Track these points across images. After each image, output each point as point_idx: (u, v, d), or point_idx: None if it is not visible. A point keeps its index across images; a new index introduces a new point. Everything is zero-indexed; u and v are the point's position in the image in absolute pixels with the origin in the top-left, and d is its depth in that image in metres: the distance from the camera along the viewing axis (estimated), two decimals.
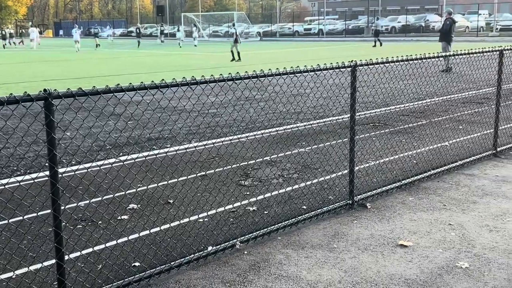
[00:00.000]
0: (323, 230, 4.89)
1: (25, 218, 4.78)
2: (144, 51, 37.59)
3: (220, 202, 5.46)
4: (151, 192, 5.64)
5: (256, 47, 41.41)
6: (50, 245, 4.30)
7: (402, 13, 64.28)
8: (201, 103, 5.80)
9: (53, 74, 21.16)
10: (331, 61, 5.39)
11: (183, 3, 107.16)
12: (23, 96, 3.25)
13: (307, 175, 6.53)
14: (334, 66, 5.07)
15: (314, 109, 10.57)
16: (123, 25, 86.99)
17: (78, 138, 8.12)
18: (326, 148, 7.56)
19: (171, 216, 5.13)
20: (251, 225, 4.97)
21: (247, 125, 9.36)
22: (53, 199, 3.49)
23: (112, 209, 5.18)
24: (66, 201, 5.15)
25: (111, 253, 4.30)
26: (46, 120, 3.40)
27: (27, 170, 6.85)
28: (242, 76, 4.36)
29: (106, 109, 4.18)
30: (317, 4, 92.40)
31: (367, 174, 6.39)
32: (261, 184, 6.22)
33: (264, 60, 26.86)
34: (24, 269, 4.02)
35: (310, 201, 5.57)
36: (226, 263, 4.26)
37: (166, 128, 8.99)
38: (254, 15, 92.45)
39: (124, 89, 3.68)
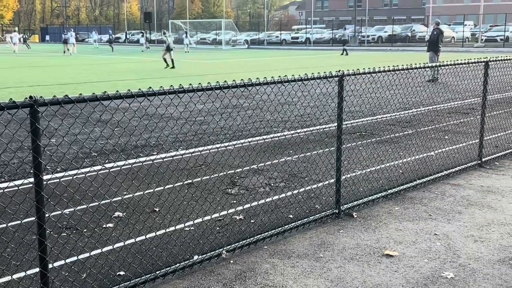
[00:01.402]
0: (310, 239, 4.88)
1: (9, 225, 4.72)
2: (132, 57, 37.47)
3: (207, 210, 5.44)
4: (137, 200, 5.61)
5: (243, 55, 41.48)
6: (34, 253, 4.25)
7: (388, 23, 64.91)
8: (188, 110, 5.79)
9: (39, 79, 21.00)
10: (317, 70, 5.42)
11: (171, 10, 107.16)
12: (9, 103, 3.21)
13: (294, 184, 6.53)
14: (322, 75, 5.08)
15: (301, 118, 10.59)
16: (109, 31, 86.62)
17: (64, 145, 8.05)
18: (313, 157, 7.57)
19: (157, 225, 5.09)
20: (237, 234, 4.95)
21: (234, 133, 9.35)
22: (37, 207, 3.45)
23: (97, 217, 5.14)
24: (51, 208, 5.09)
25: (96, 262, 4.26)
26: (32, 127, 3.37)
27: (11, 177, 6.77)
28: (230, 84, 4.36)
29: (92, 116, 4.15)
30: (305, 13, 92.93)
31: (354, 183, 6.40)
32: (248, 193, 6.21)
33: (252, 67, 26.89)
34: (7, 278, 3.96)
35: (296, 210, 5.57)
36: (212, 272, 4.23)
37: (153, 135, 8.95)
38: (242, 23, 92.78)
39: (111, 96, 3.66)
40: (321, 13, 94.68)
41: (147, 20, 69.32)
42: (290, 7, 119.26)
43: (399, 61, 14.49)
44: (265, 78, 4.62)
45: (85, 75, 22.91)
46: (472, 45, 49.06)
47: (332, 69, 5.89)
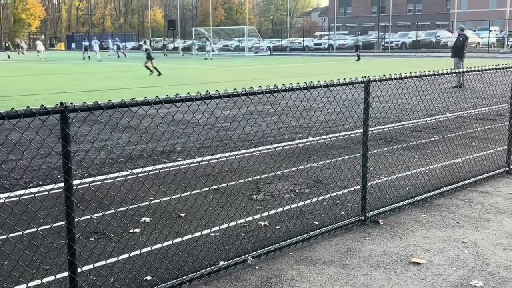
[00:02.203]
0: (335, 246, 4.86)
1: (39, 230, 4.80)
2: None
3: (232, 216, 5.45)
4: (164, 205, 5.65)
5: (266, 61, 41.57)
6: (63, 257, 4.31)
7: (412, 29, 64.44)
8: (214, 116, 5.83)
9: (66, 86, 21.33)
10: (341, 76, 5.41)
11: (194, 17, 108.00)
12: (40, 109, 3.27)
13: (319, 190, 6.51)
14: (348, 81, 5.07)
15: (326, 124, 10.57)
16: (134, 39, 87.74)
17: (93, 151, 8.16)
18: (338, 163, 7.54)
19: (183, 230, 5.12)
20: (262, 240, 4.95)
21: (259, 139, 9.37)
22: (67, 212, 3.50)
23: (125, 222, 5.19)
24: (80, 213, 5.17)
25: (123, 266, 4.30)
26: (62, 133, 3.42)
27: (41, 182, 6.88)
28: (255, 90, 4.38)
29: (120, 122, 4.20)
30: (328, 19, 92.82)
31: (380, 190, 6.36)
32: (272, 199, 6.21)
33: (274, 74, 26.92)
34: (37, 282, 4.02)
35: (322, 217, 5.55)
36: (237, 278, 4.24)
37: (179, 141, 9.02)
38: (265, 29, 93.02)
39: (140, 103, 3.70)
40: (344, 19, 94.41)
41: (171, 27, 70.05)
42: (313, 14, 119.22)
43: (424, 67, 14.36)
44: (290, 84, 4.63)
45: (110, 82, 23.20)
46: (498, 51, 48.41)
47: (356, 75, 5.87)
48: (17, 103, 15.17)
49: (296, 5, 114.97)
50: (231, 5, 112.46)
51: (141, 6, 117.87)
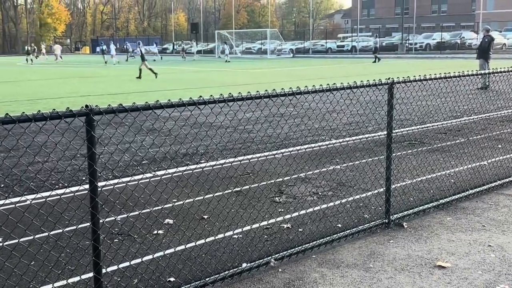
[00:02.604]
0: (359, 249, 4.82)
1: (65, 231, 4.86)
2: (176, 68, 38.12)
3: (255, 218, 5.45)
4: (187, 207, 5.68)
5: (289, 64, 41.54)
6: (88, 258, 4.36)
7: (437, 30, 63.77)
8: (237, 119, 5.84)
9: (90, 90, 21.60)
10: (364, 78, 5.37)
11: (217, 20, 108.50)
12: (66, 112, 3.31)
13: (342, 193, 6.47)
14: (371, 83, 5.04)
15: (349, 126, 10.51)
16: (158, 42, 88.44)
17: (117, 153, 8.25)
18: (361, 165, 7.49)
19: (206, 232, 5.14)
20: (285, 242, 4.94)
21: (282, 141, 9.36)
22: (92, 213, 3.54)
23: (149, 224, 5.23)
24: (105, 215, 5.22)
25: (147, 267, 4.33)
26: (87, 135, 3.46)
27: (67, 183, 6.97)
28: (278, 93, 4.38)
29: (144, 125, 4.25)
30: (350, 21, 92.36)
31: (404, 192, 6.30)
32: (295, 201, 6.20)
33: (297, 76, 26.87)
34: (63, 282, 4.08)
35: (345, 220, 5.52)
36: (260, 280, 4.24)
37: (202, 143, 9.06)
38: (287, 32, 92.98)
39: (163, 105, 3.73)
40: (367, 21, 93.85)
41: (194, 30, 70.44)
42: (336, 16, 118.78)
43: (448, 68, 14.20)
44: (313, 86, 4.62)
45: (133, 85, 23.42)
46: None
47: (379, 76, 5.83)
48: (43, 106, 15.41)
49: (318, 7, 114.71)
50: (254, 8, 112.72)
51: (164, 10, 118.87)
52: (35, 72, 36.56)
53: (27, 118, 3.15)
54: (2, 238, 4.89)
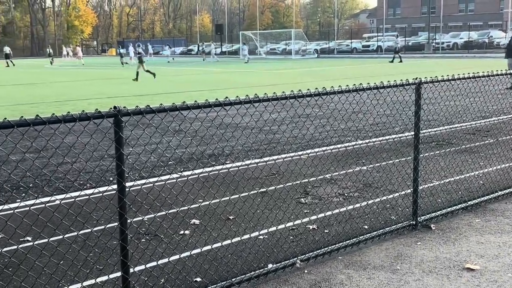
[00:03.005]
0: (386, 251, 4.78)
1: (93, 230, 4.93)
2: (201, 69, 38.32)
3: (280, 219, 5.45)
4: (213, 207, 5.70)
5: (313, 64, 41.40)
6: (115, 258, 4.41)
7: (464, 29, 62.84)
8: (263, 119, 5.85)
9: (116, 91, 21.85)
10: (390, 78, 5.33)
11: (241, 21, 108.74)
12: (94, 113, 3.36)
13: (368, 194, 6.43)
14: (398, 83, 4.99)
15: (375, 127, 10.43)
16: (183, 44, 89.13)
17: (144, 153, 8.33)
18: (388, 166, 7.42)
19: (232, 232, 5.16)
20: (311, 243, 4.93)
21: (307, 142, 9.34)
22: (120, 213, 3.57)
23: (176, 224, 5.27)
24: (132, 215, 5.28)
25: (174, 267, 4.36)
26: (115, 136, 3.50)
27: (95, 184, 7.07)
28: (304, 93, 4.37)
29: (171, 126, 4.27)
30: (376, 21, 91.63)
31: (431, 194, 6.22)
32: (321, 202, 6.17)
33: (321, 76, 26.77)
34: (91, 281, 4.13)
35: (371, 221, 5.48)
36: (286, 281, 4.23)
37: (228, 144, 9.10)
38: (312, 32, 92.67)
39: (190, 106, 3.75)
40: (393, 20, 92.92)
41: (219, 32, 70.80)
42: (361, 15, 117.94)
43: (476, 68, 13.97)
44: (339, 86, 4.60)
45: (159, 86, 23.62)
46: None
47: (406, 77, 5.77)
48: (71, 107, 15.65)
49: (343, 7, 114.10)
50: (278, 8, 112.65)
51: (189, 11, 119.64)
52: (62, 74, 37.13)
53: (57, 120, 3.20)
54: (32, 238, 4.97)
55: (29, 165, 7.72)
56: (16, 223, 4.58)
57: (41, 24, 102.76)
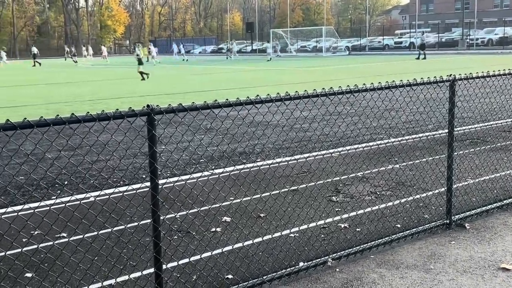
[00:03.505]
0: (419, 250, 4.72)
1: (127, 227, 5.00)
2: (231, 67, 38.45)
3: (311, 217, 5.44)
4: (244, 205, 5.72)
5: (344, 61, 41.10)
6: (148, 254, 4.47)
7: (499, 25, 61.46)
8: (294, 117, 5.84)
9: (148, 90, 22.09)
10: (423, 75, 5.25)
11: (272, 19, 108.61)
12: (128, 112, 3.40)
13: (401, 193, 6.35)
14: (431, 80, 4.92)
15: (408, 124, 10.30)
16: (214, 42, 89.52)
17: (176, 151, 8.41)
18: (421, 164, 7.32)
19: (263, 230, 5.17)
20: (342, 242, 4.90)
21: (339, 140, 9.28)
22: (153, 210, 3.62)
23: (207, 221, 5.31)
24: (165, 212, 5.34)
25: (206, 264, 4.39)
26: (149, 134, 3.54)
27: (128, 181, 7.17)
28: (335, 91, 4.34)
29: (202, 124, 4.31)
30: (408, 17, 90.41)
31: (466, 193, 6.11)
32: (352, 201, 6.13)
33: (353, 73, 26.55)
34: (125, 277, 4.20)
35: (404, 220, 5.41)
36: (317, 280, 4.22)
37: (259, 142, 9.11)
38: (343, 29, 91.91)
39: (221, 104, 3.77)
40: (426, 16, 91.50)
41: (249, 30, 70.86)
42: (393, 12, 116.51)
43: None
44: (371, 83, 4.56)
45: (190, 85, 23.79)
46: None
47: (439, 73, 5.67)
48: (104, 106, 15.89)
49: (375, 3, 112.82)
50: (309, 5, 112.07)
51: (220, 10, 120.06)
52: (93, 73, 37.72)
53: (91, 118, 3.26)
54: (67, 234, 5.08)
55: (65, 163, 7.88)
56: (52, 220, 4.69)
57: (75, 24, 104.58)
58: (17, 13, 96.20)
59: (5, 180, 7.06)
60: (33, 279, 4.24)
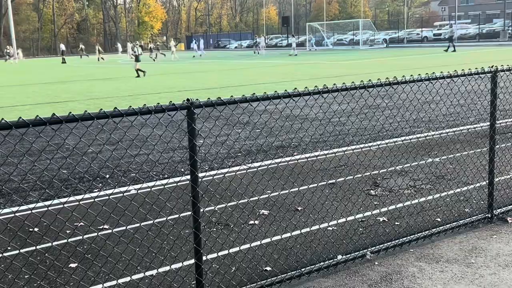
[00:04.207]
0: (459, 244, 4.66)
1: (168, 219, 5.09)
2: (265, 61, 38.43)
3: (350, 211, 5.43)
4: (282, 198, 5.75)
5: (382, 54, 40.57)
6: (188, 246, 4.55)
7: None
8: (331, 111, 5.82)
9: (186, 85, 22.31)
10: (463, 67, 5.16)
11: (307, 13, 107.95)
12: (169, 106, 3.47)
13: (441, 186, 6.27)
14: (473, 72, 4.83)
15: (448, 117, 10.13)
16: (249, 37, 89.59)
17: (215, 145, 8.49)
18: (462, 158, 7.20)
19: (301, 223, 5.19)
20: (381, 235, 4.88)
21: (377, 133, 9.20)
22: (193, 202, 3.68)
23: (246, 214, 5.36)
24: (204, 204, 5.41)
25: (245, 256, 4.45)
26: (188, 128, 3.60)
27: (168, 174, 7.29)
28: (374, 83, 4.32)
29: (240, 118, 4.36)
30: (448, 8, 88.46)
31: (508, 186, 5.99)
32: (391, 194, 6.09)
33: (390, 66, 26.19)
34: (166, 268, 4.29)
35: (444, 214, 5.35)
36: (356, 273, 4.22)
37: (296, 136, 9.11)
38: (380, 22, 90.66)
39: (259, 98, 3.80)
40: (465, 7, 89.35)
41: (285, 24, 70.62)
42: (432, 3, 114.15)
43: None
44: (411, 75, 4.51)
45: (225, 80, 23.92)
46: None
47: (480, 65, 5.56)
48: (143, 101, 16.14)
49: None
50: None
51: (256, 4, 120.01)
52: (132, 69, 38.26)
53: (133, 112, 3.33)
54: (110, 225, 5.21)
55: (107, 157, 8.06)
56: (95, 212, 4.82)
57: (113, 21, 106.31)
58: (57, 11, 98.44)
59: (51, 174, 7.28)
60: (78, 269, 4.37)
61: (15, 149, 8.80)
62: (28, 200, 6.27)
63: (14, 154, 8.69)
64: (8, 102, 18.15)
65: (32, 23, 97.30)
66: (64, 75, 33.22)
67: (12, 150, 4.08)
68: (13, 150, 4.20)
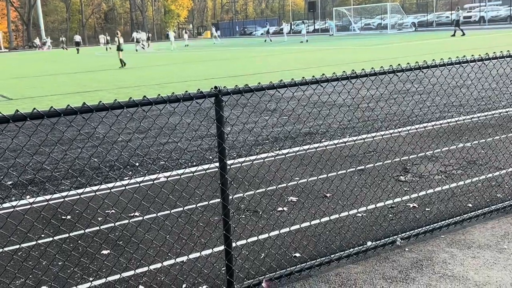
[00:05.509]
0: (491, 229, 4.59)
1: (197, 206, 5.14)
2: (291, 48, 38.21)
3: (379, 197, 5.39)
4: (310, 185, 5.74)
5: (410, 38, 39.93)
6: (218, 232, 4.59)
7: None
8: (360, 96, 5.77)
9: (212, 72, 22.35)
10: (495, 50, 5.04)
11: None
12: (197, 93, 3.48)
13: (472, 172, 6.17)
14: (505, 54, 4.72)
15: (479, 101, 9.94)
16: (275, 23, 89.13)
17: (243, 132, 8.51)
18: (494, 142, 7.07)
19: (330, 210, 5.18)
20: (411, 221, 4.84)
21: (407, 118, 9.09)
22: (222, 189, 3.70)
23: (274, 200, 5.37)
24: (233, 191, 5.44)
25: (274, 242, 4.46)
26: (216, 115, 3.61)
27: (196, 162, 7.34)
28: (403, 68, 4.26)
29: (265, 105, 4.34)
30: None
31: None
32: (421, 180, 6.02)
33: (419, 50, 25.77)
34: (196, 254, 4.33)
35: (476, 199, 5.27)
36: (386, 259, 4.19)
37: (325, 122, 9.07)
38: (409, 5, 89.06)
39: (286, 84, 3.78)
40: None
41: (311, 9, 70.03)
42: None
43: None
44: (441, 59, 4.43)
45: (251, 67, 23.88)
46: None
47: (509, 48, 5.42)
48: (171, 89, 16.25)
49: None
50: None
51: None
52: (160, 57, 38.51)
53: (162, 100, 3.36)
54: (140, 213, 5.28)
55: (137, 145, 8.16)
56: (126, 199, 4.89)
57: (140, 10, 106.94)
58: (85, 1, 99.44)
59: (82, 162, 7.40)
60: (110, 255, 4.45)
61: (47, 139, 8.97)
62: (60, 189, 6.40)
63: (46, 144, 8.87)
64: (38, 92, 18.48)
65: (60, 13, 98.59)
66: (92, 65, 33.61)
67: (44, 140, 4.16)
68: (45, 139, 4.29)
